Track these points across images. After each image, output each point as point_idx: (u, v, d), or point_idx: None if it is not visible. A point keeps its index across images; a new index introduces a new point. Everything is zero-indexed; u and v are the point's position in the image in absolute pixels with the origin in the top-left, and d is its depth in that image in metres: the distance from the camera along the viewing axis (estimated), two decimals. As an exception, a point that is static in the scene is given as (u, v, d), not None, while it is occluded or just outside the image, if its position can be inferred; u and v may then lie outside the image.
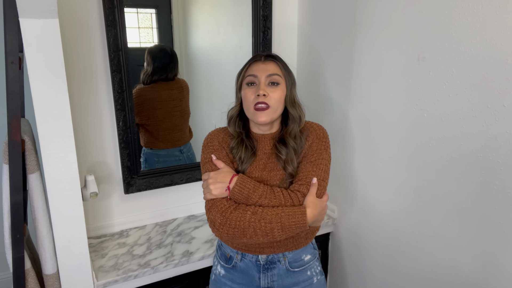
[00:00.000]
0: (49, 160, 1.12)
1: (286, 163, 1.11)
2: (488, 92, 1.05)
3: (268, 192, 1.06)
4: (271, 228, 1.00)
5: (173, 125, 1.72)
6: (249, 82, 1.10)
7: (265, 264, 1.16)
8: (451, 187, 1.20)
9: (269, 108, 1.07)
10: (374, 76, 1.42)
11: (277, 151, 1.12)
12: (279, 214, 1.02)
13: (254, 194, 1.05)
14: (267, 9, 1.69)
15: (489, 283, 1.13)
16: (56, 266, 1.22)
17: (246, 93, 1.09)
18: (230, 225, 1.02)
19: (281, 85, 1.10)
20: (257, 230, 1.01)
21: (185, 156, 1.76)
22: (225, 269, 1.21)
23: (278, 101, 1.08)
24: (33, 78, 1.05)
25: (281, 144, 1.13)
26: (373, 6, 1.38)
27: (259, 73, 1.08)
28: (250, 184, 1.06)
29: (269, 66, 1.10)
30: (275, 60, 1.12)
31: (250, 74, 1.10)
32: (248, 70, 1.12)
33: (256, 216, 1.01)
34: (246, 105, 1.10)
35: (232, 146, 1.15)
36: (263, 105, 1.06)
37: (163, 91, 1.65)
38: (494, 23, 1.01)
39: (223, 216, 1.03)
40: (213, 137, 1.18)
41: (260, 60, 1.11)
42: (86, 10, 1.39)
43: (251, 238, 1.02)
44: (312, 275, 1.21)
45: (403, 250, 1.41)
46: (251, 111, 1.09)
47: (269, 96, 1.07)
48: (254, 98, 1.07)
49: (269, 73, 1.08)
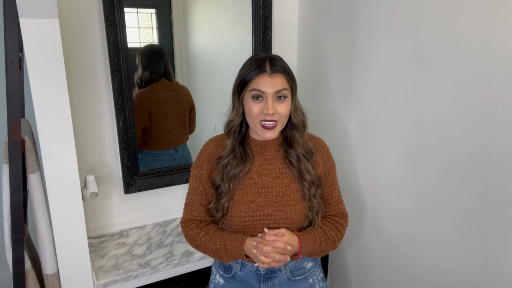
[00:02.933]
0: (49, 160, 1.12)
1: (302, 173, 1.10)
2: (488, 92, 1.05)
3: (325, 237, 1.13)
4: (216, 249, 1.10)
5: (170, 128, 1.72)
6: (255, 96, 1.04)
7: (266, 274, 1.15)
8: (451, 187, 1.20)
9: (277, 124, 1.05)
10: (374, 76, 1.42)
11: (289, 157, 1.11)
12: (224, 237, 1.10)
13: (320, 245, 1.12)
14: (267, 9, 1.69)
15: (489, 283, 1.13)
16: (56, 266, 1.22)
17: (252, 107, 1.04)
18: (189, 239, 1.17)
19: (287, 98, 1.06)
20: (207, 249, 1.12)
21: (180, 155, 1.76)
22: (224, 278, 1.19)
23: (285, 116, 1.06)
24: (33, 78, 1.05)
25: (291, 150, 1.11)
26: (373, 6, 1.38)
27: (267, 89, 1.02)
28: (313, 242, 1.11)
29: (276, 80, 1.03)
30: (283, 73, 1.04)
31: (256, 89, 1.03)
32: (253, 83, 1.03)
33: (207, 237, 1.12)
34: (251, 118, 1.06)
35: (221, 156, 1.12)
36: (272, 123, 1.04)
37: (160, 93, 1.64)
38: (494, 23, 1.01)
39: (184, 231, 1.18)
40: (204, 150, 1.17)
41: (265, 73, 1.02)
42: (86, 10, 1.39)
43: (205, 254, 1.16)
44: (314, 282, 1.19)
45: (404, 250, 1.41)
46: (257, 127, 1.05)
47: (277, 112, 1.03)
48: (260, 114, 1.03)
49: (277, 89, 1.02)
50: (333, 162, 1.21)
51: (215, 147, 1.16)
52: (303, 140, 1.12)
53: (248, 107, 1.05)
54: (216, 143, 1.17)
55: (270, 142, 1.14)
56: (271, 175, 1.11)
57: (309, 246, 1.09)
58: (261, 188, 1.10)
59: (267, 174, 1.11)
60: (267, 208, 1.09)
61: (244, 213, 1.09)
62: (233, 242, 1.08)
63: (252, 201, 1.09)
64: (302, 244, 1.08)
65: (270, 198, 1.09)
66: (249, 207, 1.09)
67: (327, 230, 1.15)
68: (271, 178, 1.11)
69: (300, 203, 1.10)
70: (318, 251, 1.12)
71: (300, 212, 1.09)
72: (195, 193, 1.16)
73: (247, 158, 1.11)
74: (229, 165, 1.10)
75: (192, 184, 1.17)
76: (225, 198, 1.09)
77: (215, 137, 1.20)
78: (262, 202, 1.09)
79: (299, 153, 1.10)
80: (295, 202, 1.10)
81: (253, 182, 1.11)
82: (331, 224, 1.17)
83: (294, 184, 1.11)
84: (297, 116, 1.10)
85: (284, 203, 1.09)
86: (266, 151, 1.13)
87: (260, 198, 1.09)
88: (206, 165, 1.15)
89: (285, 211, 1.09)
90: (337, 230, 1.16)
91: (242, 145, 1.12)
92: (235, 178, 1.10)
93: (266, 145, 1.14)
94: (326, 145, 1.21)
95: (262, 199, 1.09)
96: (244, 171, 1.11)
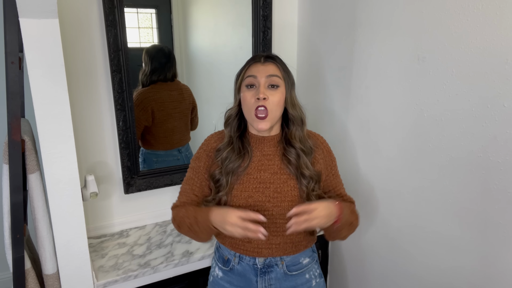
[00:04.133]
0: (49, 160, 1.12)
1: (301, 168, 1.10)
2: (488, 92, 1.05)
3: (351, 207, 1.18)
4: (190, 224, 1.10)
5: (173, 127, 1.72)
6: (249, 84, 1.08)
7: (263, 268, 1.16)
8: (451, 187, 1.20)
9: (268, 115, 1.06)
10: (374, 76, 1.42)
11: (287, 155, 1.12)
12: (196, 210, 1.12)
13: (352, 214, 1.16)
14: (267, 9, 1.69)
15: (489, 283, 1.13)
16: (56, 266, 1.22)
17: (246, 96, 1.08)
18: (174, 221, 1.19)
19: (280, 87, 1.08)
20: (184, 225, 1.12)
21: (183, 155, 1.76)
22: (222, 271, 1.21)
23: (277, 105, 1.07)
24: (33, 78, 1.05)
25: (289, 148, 1.12)
26: (373, 6, 1.38)
27: (259, 74, 1.07)
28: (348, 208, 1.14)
29: (268, 67, 1.08)
30: (275, 62, 1.10)
31: (249, 75, 1.08)
32: (247, 71, 1.10)
33: (185, 213, 1.13)
34: (246, 108, 1.09)
35: (219, 148, 1.15)
36: (263, 114, 1.05)
37: (163, 92, 1.64)
38: (494, 23, 1.01)
39: (172, 215, 1.20)
40: (205, 144, 1.20)
41: (259, 61, 1.10)
42: (86, 10, 1.39)
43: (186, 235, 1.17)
44: (311, 278, 1.20)
45: (404, 250, 1.41)
46: (251, 117, 1.08)
47: (269, 99, 1.05)
48: (254, 102, 1.06)
49: (269, 74, 1.07)
50: (334, 157, 1.22)
51: (215, 141, 1.18)
52: (301, 135, 1.13)
53: (243, 96, 1.09)
54: (217, 137, 1.20)
55: (269, 138, 1.15)
56: (269, 170, 1.12)
57: (347, 211, 1.12)
58: (259, 183, 1.11)
59: (266, 169, 1.12)
60: (265, 203, 1.10)
61: (242, 207, 1.09)
62: (203, 214, 1.10)
63: (250, 196, 1.10)
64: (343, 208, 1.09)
65: (268, 193, 1.10)
66: (247, 202, 1.10)
67: (348, 205, 1.18)
68: (269, 173, 1.12)
69: (298, 200, 1.11)
70: (349, 222, 1.15)
71: None
72: (189, 183, 1.20)
73: (246, 152, 1.13)
74: (227, 159, 1.12)
75: (188, 174, 1.21)
76: (223, 192, 1.11)
77: (217, 132, 1.23)
78: (260, 198, 1.10)
79: (297, 149, 1.11)
80: (293, 198, 1.11)
81: (252, 177, 1.12)
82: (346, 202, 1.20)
83: (292, 181, 1.12)
84: (295, 110, 1.12)
85: (281, 199, 1.10)
86: (265, 147, 1.14)
87: (258, 193, 1.10)
88: (205, 159, 1.17)
89: (282, 207, 1.10)
90: (354, 206, 1.22)
91: (241, 139, 1.15)
92: (234, 173, 1.12)
93: (265, 140, 1.15)
94: (325, 141, 1.22)
95: (260, 195, 1.10)
96: (243, 166, 1.12)
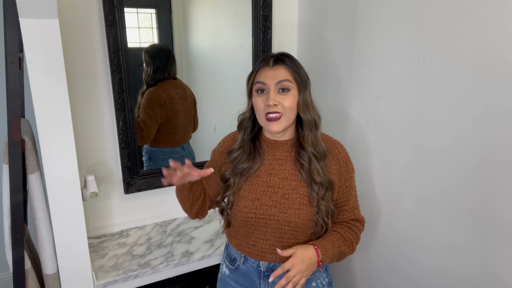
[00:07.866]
0: (49, 160, 1.12)
1: (312, 173, 1.07)
2: (488, 92, 1.05)
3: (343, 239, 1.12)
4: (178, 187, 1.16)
5: (180, 124, 1.74)
6: (259, 89, 1.05)
7: (266, 271, 1.14)
8: (451, 187, 1.20)
9: (282, 116, 1.03)
10: (374, 76, 1.42)
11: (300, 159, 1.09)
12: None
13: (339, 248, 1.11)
14: (267, 9, 1.69)
15: (489, 283, 1.13)
16: (56, 266, 1.22)
17: (256, 101, 1.05)
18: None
19: (292, 90, 1.04)
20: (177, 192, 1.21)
21: (186, 152, 1.78)
22: (229, 269, 1.22)
23: (290, 109, 1.04)
24: (33, 78, 1.05)
25: (303, 151, 1.09)
26: (373, 6, 1.38)
27: (268, 81, 1.03)
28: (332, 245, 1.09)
29: (278, 72, 1.04)
30: (284, 64, 1.05)
31: (258, 81, 1.05)
32: (256, 76, 1.06)
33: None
34: (258, 113, 1.07)
35: (232, 149, 1.14)
36: (276, 115, 1.02)
37: (171, 89, 1.67)
38: (494, 23, 1.01)
39: None
40: (224, 141, 1.21)
41: (268, 65, 1.05)
42: (86, 10, 1.39)
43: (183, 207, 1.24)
44: (318, 286, 1.17)
45: (403, 250, 1.41)
46: (263, 121, 1.06)
47: (280, 105, 1.02)
48: (265, 108, 1.03)
49: (278, 80, 1.02)
50: (352, 168, 1.15)
51: (231, 140, 1.19)
52: (314, 139, 1.08)
53: (254, 102, 1.08)
54: (233, 137, 1.20)
55: (282, 142, 1.12)
56: (279, 175, 1.10)
57: (329, 251, 1.07)
58: (268, 187, 1.10)
59: (276, 174, 1.11)
60: (271, 208, 1.08)
61: (248, 209, 1.09)
62: None
63: (256, 199, 1.09)
64: (321, 252, 1.05)
65: (275, 198, 1.08)
66: (253, 204, 1.09)
67: (343, 232, 1.13)
68: (279, 178, 1.10)
69: (306, 208, 1.07)
70: (338, 254, 1.11)
71: (304, 217, 1.07)
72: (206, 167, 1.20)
73: (257, 155, 1.12)
74: (238, 159, 1.11)
75: (207, 164, 1.24)
76: (230, 191, 1.11)
77: (235, 131, 1.21)
78: (267, 202, 1.09)
79: (309, 154, 1.08)
80: (300, 206, 1.07)
81: (261, 180, 1.11)
82: (346, 227, 1.15)
83: (302, 188, 1.09)
84: (307, 113, 1.07)
85: (288, 206, 1.07)
86: (277, 151, 1.13)
87: (265, 197, 1.09)
88: (219, 156, 1.19)
89: (288, 214, 1.07)
90: (353, 232, 1.15)
91: (253, 142, 1.14)
92: (243, 174, 1.11)
93: (278, 144, 1.13)
94: (344, 150, 1.14)
95: (267, 198, 1.09)
96: (253, 168, 1.11)
